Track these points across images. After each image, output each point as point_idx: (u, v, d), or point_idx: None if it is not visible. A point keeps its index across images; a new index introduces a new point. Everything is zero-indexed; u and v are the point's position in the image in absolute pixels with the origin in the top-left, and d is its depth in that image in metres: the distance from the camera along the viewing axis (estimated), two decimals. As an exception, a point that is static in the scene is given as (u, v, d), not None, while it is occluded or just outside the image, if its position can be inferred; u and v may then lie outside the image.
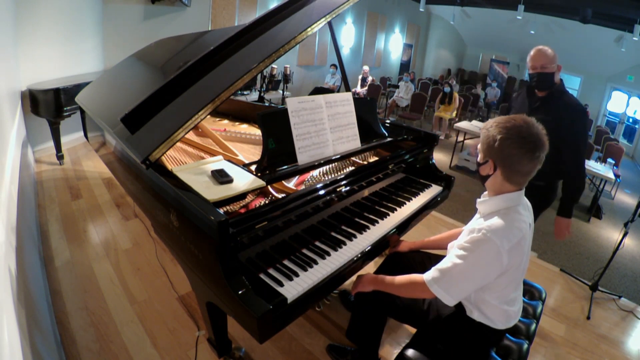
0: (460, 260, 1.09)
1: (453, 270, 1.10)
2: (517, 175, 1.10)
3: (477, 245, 1.06)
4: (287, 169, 1.47)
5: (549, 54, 1.84)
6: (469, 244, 1.08)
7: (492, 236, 1.04)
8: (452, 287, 1.10)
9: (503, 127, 1.07)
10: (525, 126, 1.06)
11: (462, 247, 1.10)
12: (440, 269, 1.13)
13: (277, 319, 1.06)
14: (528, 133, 1.05)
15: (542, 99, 1.92)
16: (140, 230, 2.68)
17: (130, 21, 4.89)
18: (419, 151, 2.06)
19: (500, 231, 1.05)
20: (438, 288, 1.11)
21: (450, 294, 1.11)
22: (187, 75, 1.50)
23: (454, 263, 1.10)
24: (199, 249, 1.14)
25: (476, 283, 1.11)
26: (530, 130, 1.05)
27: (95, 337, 1.74)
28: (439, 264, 1.15)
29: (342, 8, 1.59)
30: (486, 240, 1.05)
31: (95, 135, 2.75)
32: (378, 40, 10.86)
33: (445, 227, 3.36)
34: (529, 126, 1.06)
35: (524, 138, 1.04)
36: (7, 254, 1.31)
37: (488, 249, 1.05)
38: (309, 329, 1.89)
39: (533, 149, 1.04)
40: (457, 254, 1.10)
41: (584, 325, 2.21)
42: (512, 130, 1.06)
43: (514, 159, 1.07)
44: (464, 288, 1.11)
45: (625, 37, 8.33)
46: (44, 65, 3.70)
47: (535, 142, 1.04)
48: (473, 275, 1.09)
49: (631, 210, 2.49)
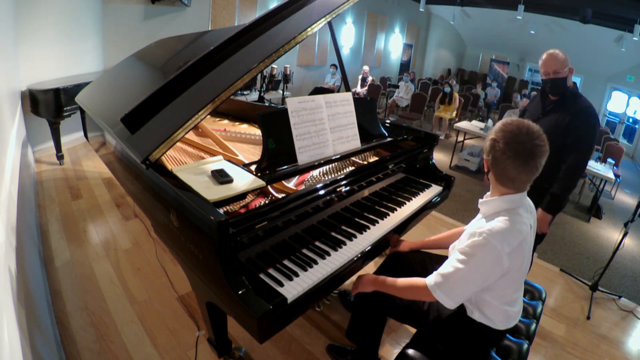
0: (461, 265, 1.09)
1: (455, 275, 1.10)
2: (504, 179, 1.10)
3: (478, 249, 1.07)
4: (287, 169, 1.47)
5: (561, 59, 1.83)
6: (470, 248, 1.08)
7: (493, 240, 1.04)
8: (453, 291, 1.11)
9: (499, 130, 1.08)
10: (517, 132, 1.04)
11: (463, 251, 1.10)
12: (442, 274, 1.13)
13: (277, 319, 1.06)
14: (517, 140, 1.03)
15: (555, 102, 1.92)
16: (140, 230, 2.68)
17: (130, 21, 4.89)
18: (419, 151, 2.06)
19: (501, 234, 1.05)
20: (440, 293, 1.11)
21: (452, 298, 1.11)
22: (187, 75, 1.50)
23: (456, 268, 1.10)
24: (199, 249, 1.14)
25: (477, 286, 1.11)
26: (520, 137, 1.03)
27: (95, 337, 1.74)
28: (441, 268, 1.15)
29: (342, 8, 1.59)
30: (487, 244, 1.05)
31: (95, 135, 2.75)
32: (378, 40, 10.85)
33: (445, 227, 3.36)
34: (521, 133, 1.04)
35: (508, 144, 1.03)
36: (7, 254, 1.31)
37: (489, 253, 1.05)
38: (309, 329, 1.89)
39: (518, 155, 1.03)
40: (459, 258, 1.10)
41: (584, 325, 2.21)
42: (502, 134, 1.06)
43: (499, 162, 1.07)
44: (465, 292, 1.12)
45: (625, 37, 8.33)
46: (44, 65, 3.70)
47: (521, 150, 1.02)
48: (474, 279, 1.09)
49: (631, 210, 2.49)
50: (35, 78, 3.55)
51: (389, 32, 11.43)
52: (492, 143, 1.08)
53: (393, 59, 12.25)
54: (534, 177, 1.08)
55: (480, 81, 11.56)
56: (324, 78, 8.36)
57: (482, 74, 13.00)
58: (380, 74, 10.95)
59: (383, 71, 11.53)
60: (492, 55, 12.50)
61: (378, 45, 10.98)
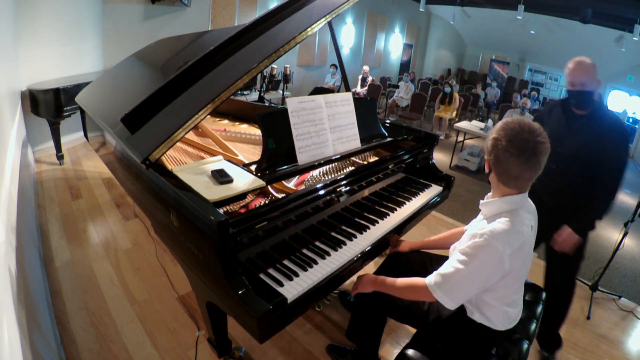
0: (462, 266, 1.09)
1: (455, 275, 1.10)
2: (506, 178, 1.09)
3: (479, 250, 1.06)
4: (287, 169, 1.47)
5: (589, 70, 1.63)
6: (471, 249, 1.08)
7: (494, 241, 1.04)
8: (454, 291, 1.11)
9: (500, 129, 1.08)
10: (519, 129, 1.04)
11: (464, 252, 1.10)
12: (442, 274, 1.13)
13: (277, 319, 1.06)
14: (520, 137, 1.03)
15: (582, 119, 1.71)
16: (140, 230, 2.68)
17: (130, 21, 4.89)
18: (419, 151, 2.06)
19: (502, 236, 1.05)
20: (440, 293, 1.11)
21: (452, 298, 1.11)
22: (187, 75, 1.50)
23: (456, 268, 1.10)
24: (199, 249, 1.14)
25: (478, 287, 1.11)
26: (523, 134, 1.04)
27: (95, 337, 1.74)
28: (441, 268, 1.15)
29: (342, 8, 1.59)
30: (488, 246, 1.05)
31: (95, 135, 2.75)
32: (378, 40, 10.85)
33: (445, 227, 3.36)
34: (523, 130, 1.04)
35: (511, 142, 1.04)
36: (7, 254, 1.31)
37: (490, 254, 1.05)
38: (309, 329, 1.89)
39: (521, 153, 1.03)
40: (459, 259, 1.10)
41: (584, 325, 2.21)
42: (504, 132, 1.06)
43: (501, 161, 1.07)
44: (465, 292, 1.12)
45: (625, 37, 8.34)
46: (44, 65, 3.70)
47: (525, 147, 1.03)
48: (475, 280, 1.09)
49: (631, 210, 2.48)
50: (35, 78, 3.55)
51: (389, 32, 11.43)
52: (494, 142, 1.08)
53: (393, 59, 12.25)
54: (536, 175, 1.08)
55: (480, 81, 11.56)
56: (324, 78, 8.36)
57: (482, 74, 13.01)
58: (380, 74, 10.95)
59: (383, 71, 11.53)
60: (492, 55, 12.50)
61: (378, 45, 10.98)
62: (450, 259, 1.16)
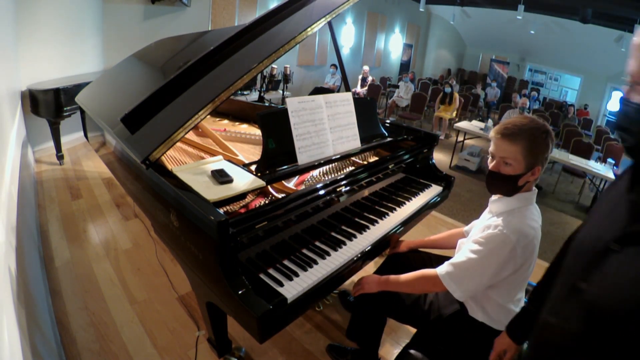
0: (474, 255, 1.10)
1: (467, 264, 1.11)
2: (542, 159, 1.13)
3: (493, 240, 1.07)
4: (287, 169, 1.47)
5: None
6: (485, 240, 1.09)
7: (509, 233, 1.06)
8: (464, 280, 1.11)
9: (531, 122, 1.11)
10: (535, 121, 1.11)
11: (477, 241, 1.11)
12: (454, 263, 1.14)
13: (277, 319, 1.06)
14: (540, 125, 1.09)
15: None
16: (140, 230, 2.68)
17: (130, 21, 4.89)
18: (419, 151, 2.06)
19: (517, 228, 1.07)
20: (450, 281, 1.13)
21: (461, 288, 1.12)
22: (187, 75, 1.50)
23: (468, 257, 1.11)
24: (199, 249, 1.14)
25: (489, 278, 1.11)
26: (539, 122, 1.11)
27: (95, 337, 1.74)
28: (453, 258, 1.16)
29: (342, 8, 1.59)
30: (502, 237, 1.06)
31: (95, 135, 2.75)
32: (378, 40, 10.85)
33: (445, 227, 3.36)
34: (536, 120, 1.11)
35: (546, 132, 1.09)
36: (7, 254, 1.31)
37: (503, 245, 1.06)
38: (309, 329, 1.89)
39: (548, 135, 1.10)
40: (472, 249, 1.11)
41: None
42: (536, 130, 1.10)
43: (547, 152, 1.11)
44: (476, 282, 1.12)
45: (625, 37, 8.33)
46: (44, 65, 3.70)
47: (548, 130, 1.10)
48: (487, 270, 1.09)
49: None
50: (35, 78, 3.55)
51: (389, 32, 11.43)
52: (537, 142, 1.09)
53: (393, 59, 12.25)
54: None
55: (480, 81, 11.56)
56: (324, 78, 8.35)
57: (482, 74, 13.00)
58: (380, 74, 10.95)
59: (383, 71, 11.53)
60: (492, 55, 12.50)
61: (378, 45, 10.98)
62: (462, 250, 1.17)
